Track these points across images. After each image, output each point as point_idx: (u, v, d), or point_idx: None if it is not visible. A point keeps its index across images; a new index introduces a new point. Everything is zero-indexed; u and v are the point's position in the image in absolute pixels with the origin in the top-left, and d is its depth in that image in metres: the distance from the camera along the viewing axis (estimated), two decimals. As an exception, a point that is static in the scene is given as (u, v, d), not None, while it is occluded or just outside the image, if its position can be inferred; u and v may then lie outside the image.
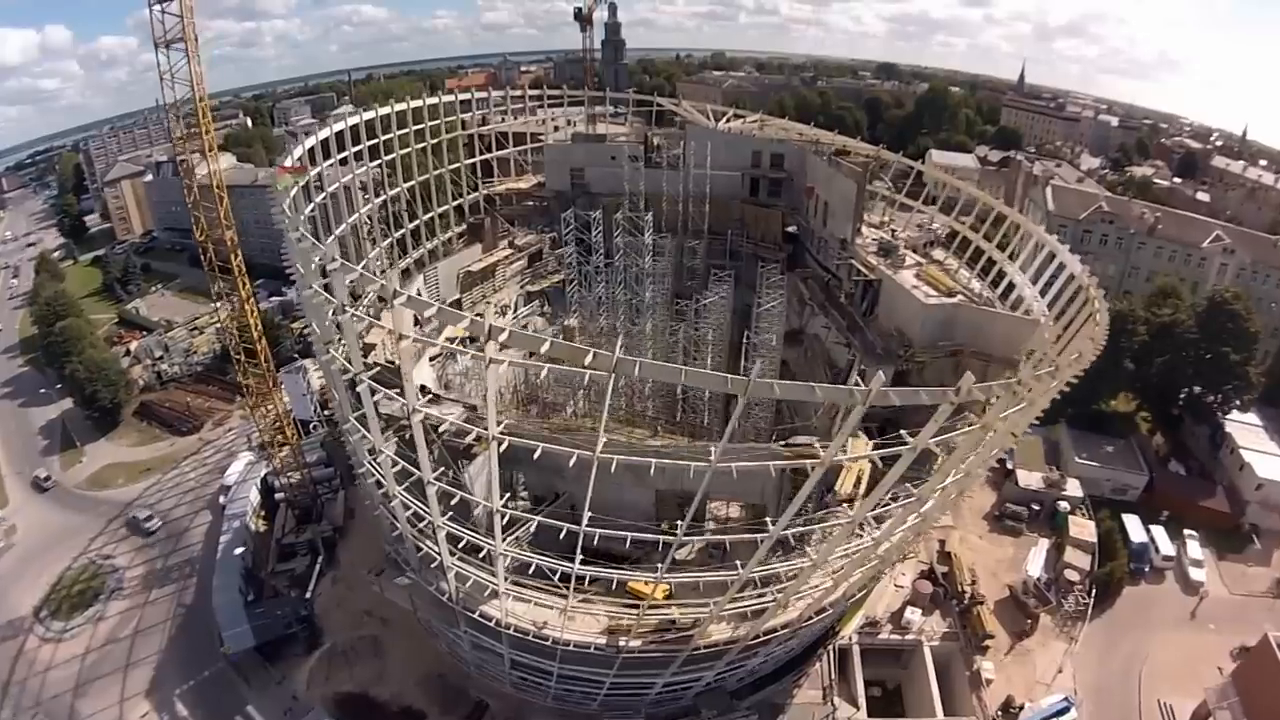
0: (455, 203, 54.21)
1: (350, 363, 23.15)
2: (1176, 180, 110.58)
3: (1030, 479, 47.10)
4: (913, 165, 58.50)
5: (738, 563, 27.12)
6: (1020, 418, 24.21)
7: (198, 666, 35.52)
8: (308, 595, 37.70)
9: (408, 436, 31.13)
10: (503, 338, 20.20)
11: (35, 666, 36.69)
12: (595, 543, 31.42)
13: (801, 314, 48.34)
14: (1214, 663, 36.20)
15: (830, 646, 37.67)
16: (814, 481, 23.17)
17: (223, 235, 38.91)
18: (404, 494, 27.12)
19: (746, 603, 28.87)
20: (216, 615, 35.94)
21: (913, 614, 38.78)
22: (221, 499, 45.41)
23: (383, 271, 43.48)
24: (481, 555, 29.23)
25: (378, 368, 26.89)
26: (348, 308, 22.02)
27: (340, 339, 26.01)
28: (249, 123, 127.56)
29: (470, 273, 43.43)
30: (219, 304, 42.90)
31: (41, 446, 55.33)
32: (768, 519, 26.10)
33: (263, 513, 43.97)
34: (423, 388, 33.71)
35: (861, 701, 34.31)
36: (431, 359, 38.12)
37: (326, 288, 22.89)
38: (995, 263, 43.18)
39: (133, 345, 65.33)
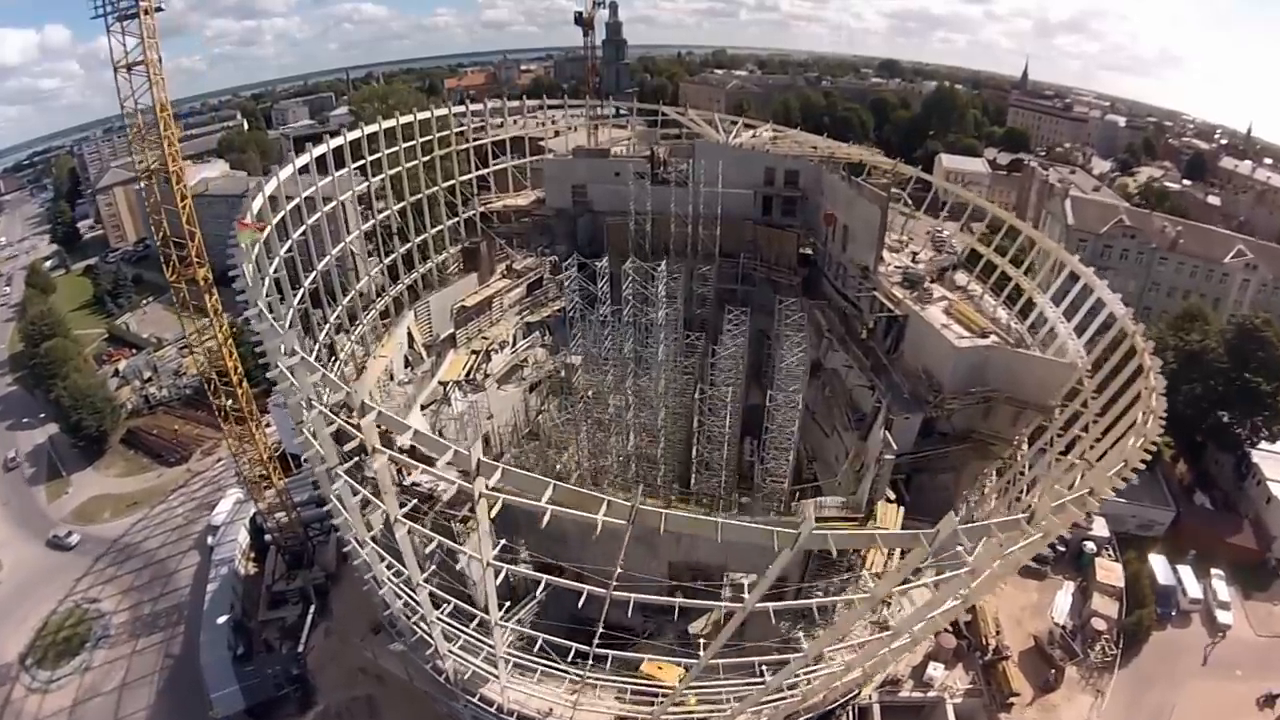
0: (451, 221, 50.67)
1: (324, 457, 19.70)
2: (1186, 182, 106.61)
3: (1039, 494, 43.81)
4: (929, 180, 55.02)
5: (764, 670, 23.84)
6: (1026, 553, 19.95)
7: (189, 722, 32.77)
8: (300, 649, 34.77)
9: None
10: (495, 477, 16.87)
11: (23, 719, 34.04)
12: (605, 615, 28.57)
13: (819, 345, 44.82)
14: (1244, 712, 33.90)
15: (850, 706, 34.97)
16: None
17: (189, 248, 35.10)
18: (395, 584, 23.93)
19: (771, 698, 25.86)
20: (204, 674, 33.07)
21: (935, 669, 35.99)
22: (209, 539, 42.37)
23: (375, 298, 40.05)
24: (476, 624, 26.26)
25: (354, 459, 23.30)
26: (314, 401, 18.55)
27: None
28: (245, 125, 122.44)
29: (465, 307, 39.81)
30: (198, 322, 39.36)
31: (28, 475, 52.32)
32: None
33: (252, 554, 40.97)
34: (412, 449, 30.37)
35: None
36: (423, 407, 34.77)
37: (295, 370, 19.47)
38: (1022, 290, 39.79)
39: (121, 365, 61.84)
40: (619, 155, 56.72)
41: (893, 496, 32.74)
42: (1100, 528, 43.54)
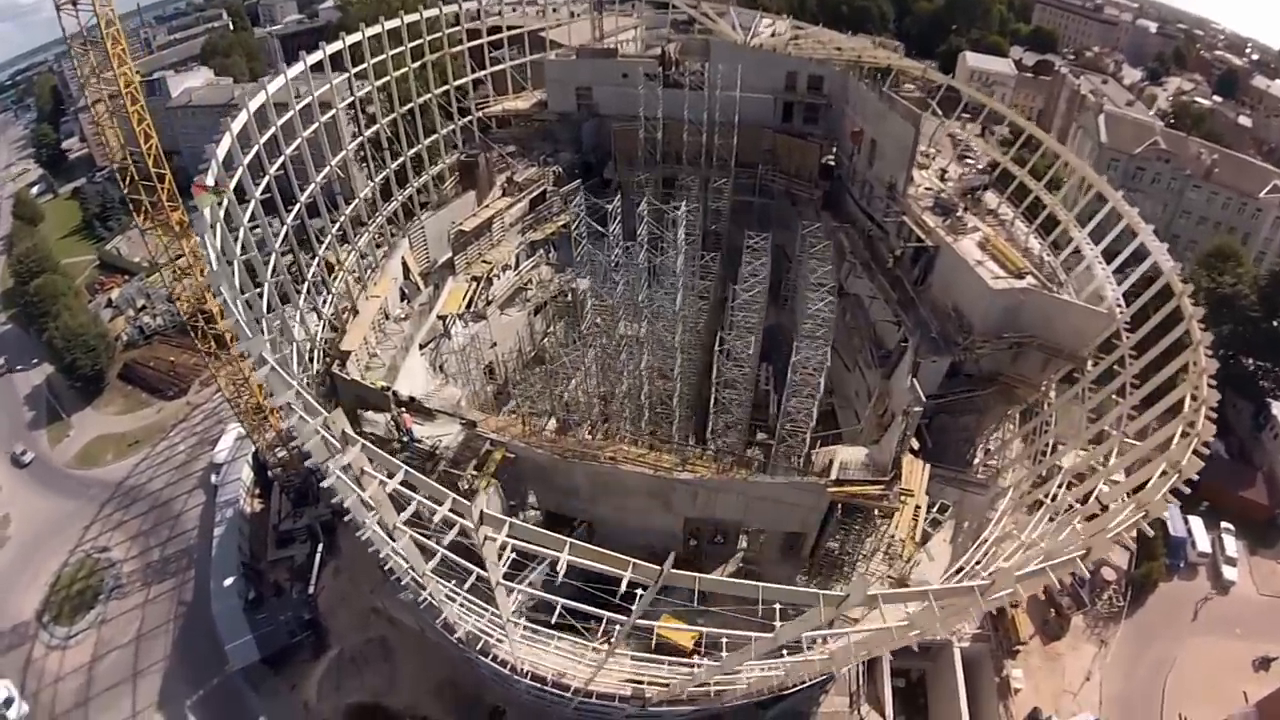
0: (447, 129, 43.53)
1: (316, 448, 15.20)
2: (1217, 99, 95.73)
3: (1070, 459, 41.36)
4: (960, 89, 47.39)
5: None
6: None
7: (205, 673, 31.70)
8: (310, 591, 32.97)
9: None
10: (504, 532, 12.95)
11: (45, 678, 33.15)
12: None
13: (841, 268, 39.65)
14: (1240, 672, 32.75)
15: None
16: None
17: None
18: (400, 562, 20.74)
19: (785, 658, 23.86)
20: (217, 625, 31.45)
21: (943, 611, 34.76)
22: (213, 477, 39.60)
23: (366, 220, 34.33)
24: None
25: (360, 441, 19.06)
26: (295, 408, 14.18)
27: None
28: (231, 25, 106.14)
29: (464, 231, 34.22)
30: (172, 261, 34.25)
31: (28, 419, 48.79)
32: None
33: (257, 491, 38.28)
34: (411, 399, 26.44)
35: (889, 710, 30.91)
36: (422, 346, 30.39)
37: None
38: (1056, 217, 34.80)
39: (114, 294, 56.21)
40: (627, 55, 48.28)
41: (915, 444, 29.58)
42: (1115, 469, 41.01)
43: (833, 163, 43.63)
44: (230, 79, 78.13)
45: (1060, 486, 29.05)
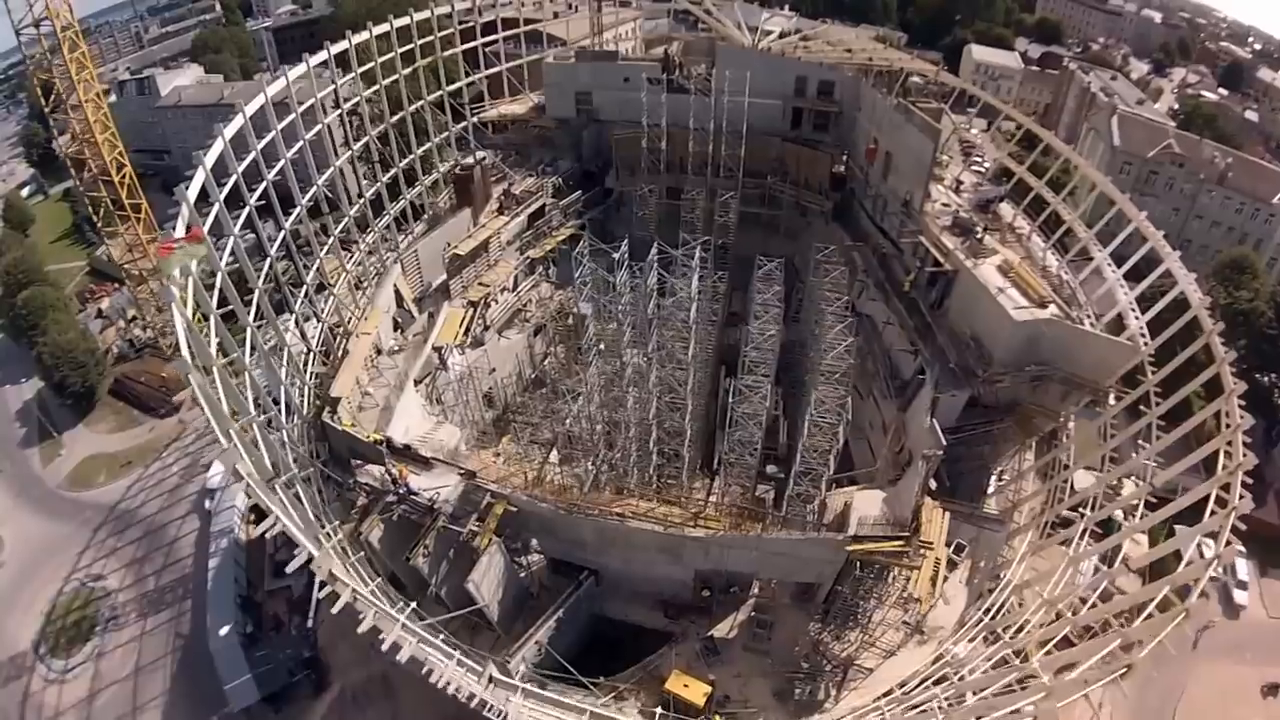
0: (440, 136, 40.55)
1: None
2: (1222, 92, 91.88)
3: (1086, 481, 39.38)
4: (981, 96, 44.28)
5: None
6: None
7: (205, 710, 29.94)
8: (310, 625, 31.20)
9: (395, 518, 22.67)
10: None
11: (44, 713, 31.35)
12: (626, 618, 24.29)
13: (852, 285, 37.08)
14: (1248, 700, 31.38)
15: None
16: None
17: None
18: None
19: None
20: (216, 663, 29.68)
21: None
22: (206, 503, 37.51)
23: (358, 239, 31.61)
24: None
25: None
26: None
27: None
28: (223, 18, 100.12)
29: (459, 256, 31.54)
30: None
31: (19, 436, 46.15)
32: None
33: (252, 517, 36.22)
34: (406, 447, 24.19)
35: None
36: (417, 382, 27.99)
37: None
38: (1067, 224, 33.34)
39: (104, 303, 53.23)
40: (628, 58, 44.94)
41: (932, 483, 27.56)
42: (1129, 488, 39.10)
43: (843, 172, 40.87)
44: (221, 76, 74.06)
45: (1083, 534, 27.32)
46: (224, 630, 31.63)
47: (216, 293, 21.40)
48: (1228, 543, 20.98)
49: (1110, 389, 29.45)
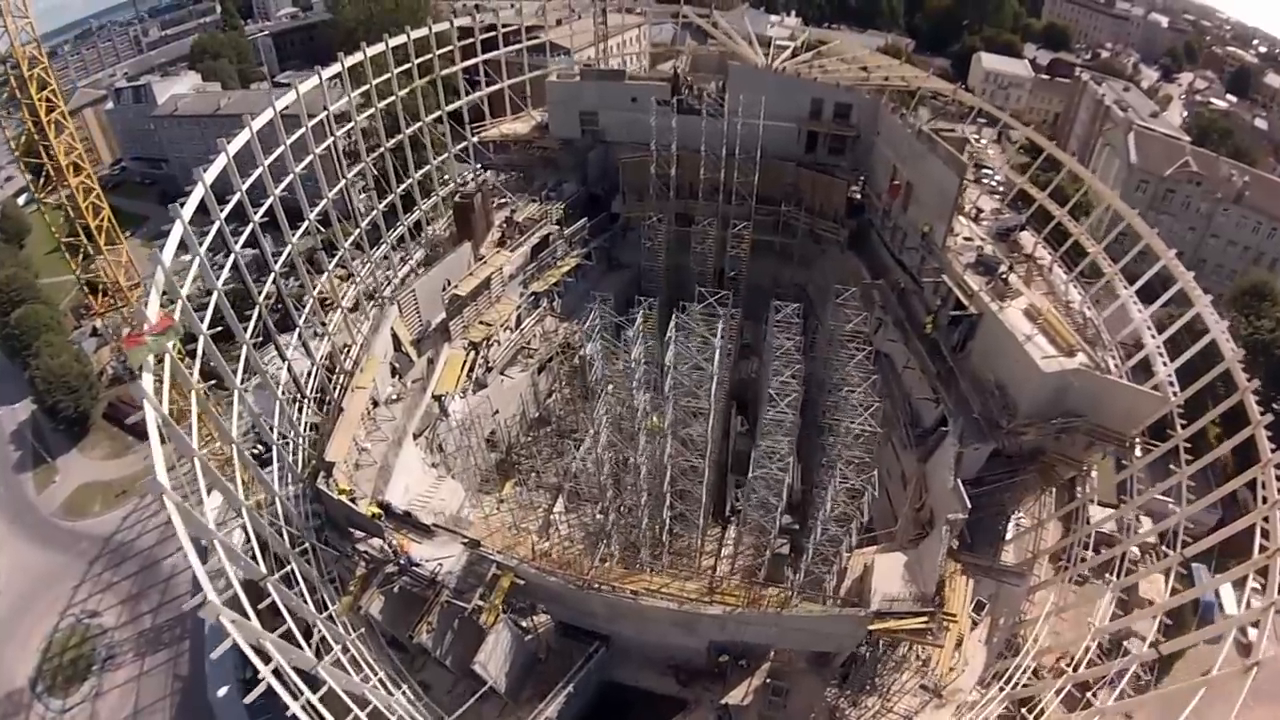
0: (440, 159, 38.27)
1: None
2: (1231, 99, 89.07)
3: (1101, 516, 37.66)
4: (996, 114, 41.95)
5: None
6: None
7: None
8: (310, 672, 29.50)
9: (396, 590, 20.89)
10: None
11: None
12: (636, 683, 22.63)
13: (870, 317, 34.90)
14: None
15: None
16: None
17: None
18: None
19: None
20: (215, 712, 28.14)
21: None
22: (203, 540, 35.59)
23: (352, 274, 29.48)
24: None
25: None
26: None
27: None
28: (222, 21, 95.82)
29: (459, 296, 29.39)
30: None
31: (14, 460, 44.26)
32: None
33: (252, 554, 34.37)
34: (406, 514, 22.37)
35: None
36: (416, 435, 26.04)
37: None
38: (1086, 251, 31.65)
39: (99, 321, 50.92)
40: (636, 77, 42.33)
41: (954, 543, 25.80)
42: (1146, 525, 37.40)
43: (859, 197, 38.55)
44: (218, 84, 71.13)
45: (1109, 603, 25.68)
46: (223, 674, 30.06)
47: (198, 361, 19.33)
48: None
49: (1136, 438, 27.74)
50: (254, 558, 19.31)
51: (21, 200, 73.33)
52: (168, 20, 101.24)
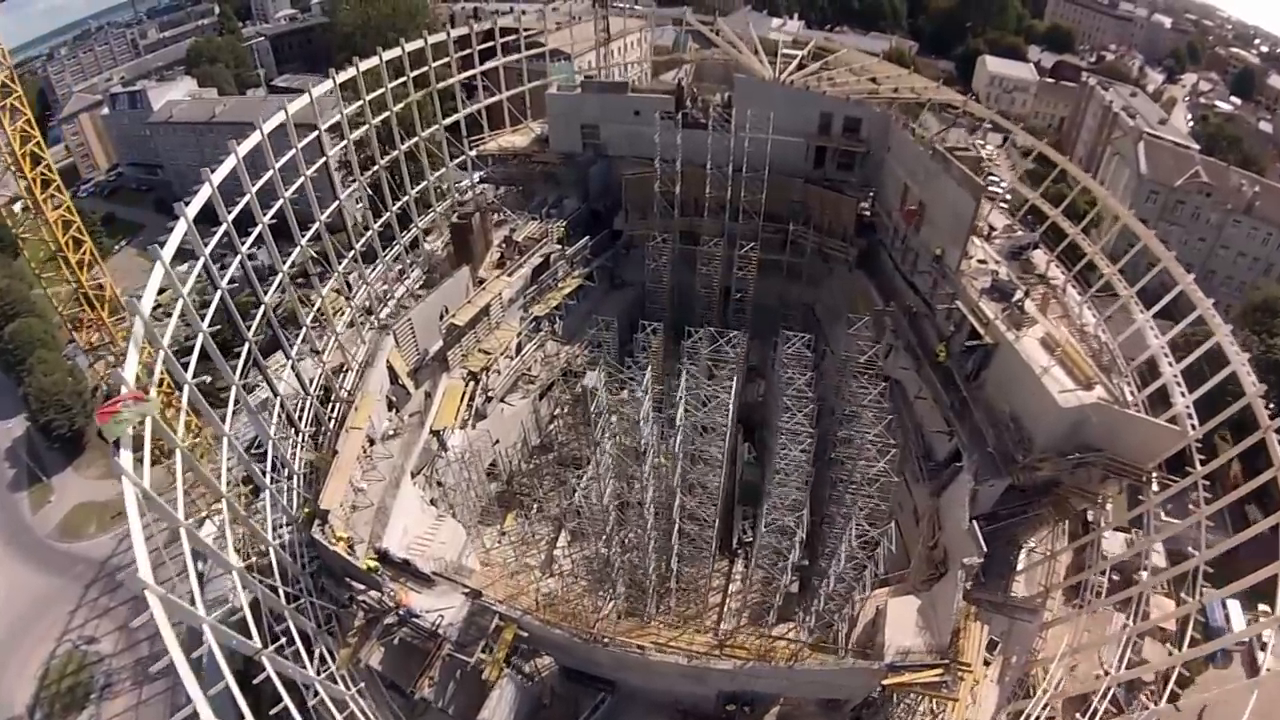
0: (437, 174, 36.71)
1: None
2: (1235, 101, 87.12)
3: (1114, 544, 36.48)
4: (1007, 126, 40.42)
5: None
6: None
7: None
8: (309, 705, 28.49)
9: (395, 642, 19.76)
10: None
11: None
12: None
13: (880, 338, 33.42)
14: None
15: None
16: None
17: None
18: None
19: None
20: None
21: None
22: (199, 564, 34.43)
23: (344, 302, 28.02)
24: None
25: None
26: None
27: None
28: (220, 22, 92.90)
29: (456, 326, 27.95)
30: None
31: (9, 478, 43.04)
32: None
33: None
34: (405, 563, 21.19)
35: None
36: (414, 474, 24.76)
37: None
38: (1101, 278, 30.40)
39: (95, 334, 49.25)
40: (639, 90, 40.60)
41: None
42: (1158, 550, 36.23)
43: (868, 213, 36.97)
44: (214, 89, 69.03)
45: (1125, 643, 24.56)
46: (221, 710, 28.91)
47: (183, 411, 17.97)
48: None
49: (1153, 471, 26.56)
50: (245, 627, 18.11)
51: (18, 207, 71.52)
52: (166, 22, 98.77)
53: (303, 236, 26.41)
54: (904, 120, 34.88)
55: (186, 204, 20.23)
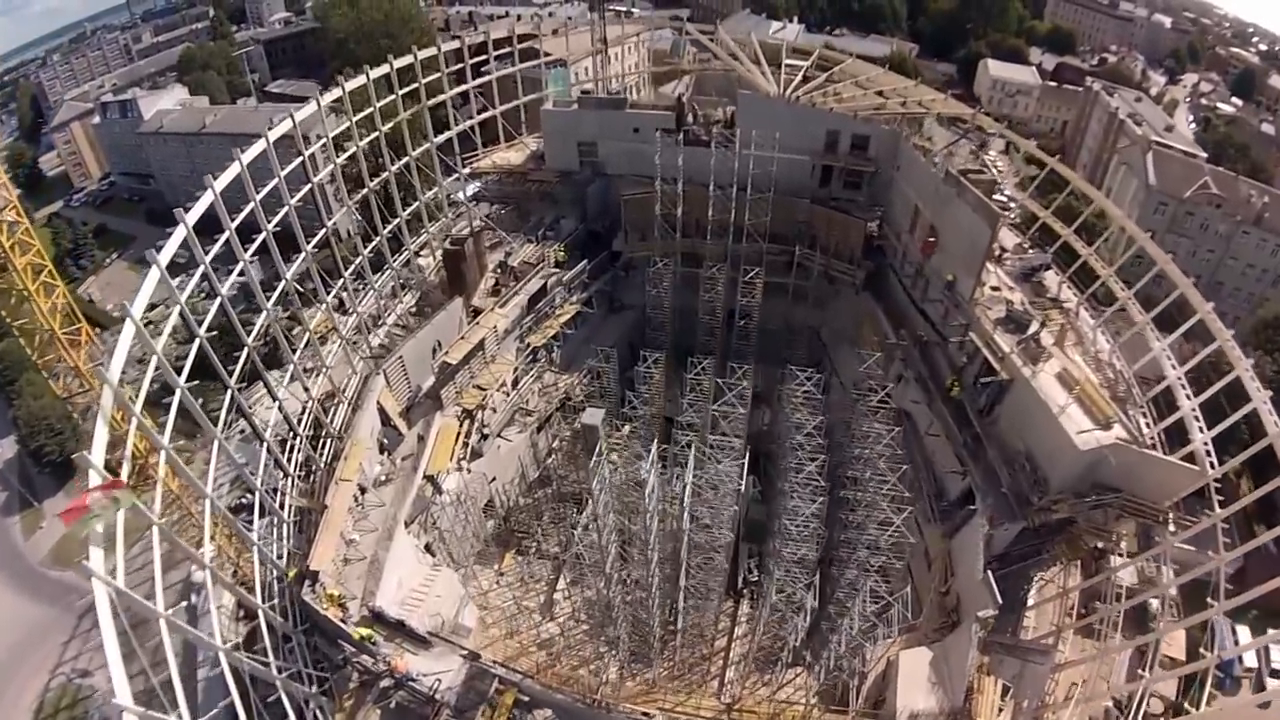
0: (430, 194, 34.90)
1: None
2: (1236, 102, 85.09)
3: (1125, 571, 35.32)
4: (1017, 141, 38.72)
5: None
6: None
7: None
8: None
9: (392, 706, 18.49)
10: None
11: None
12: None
13: (889, 368, 31.83)
14: None
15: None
16: None
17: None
18: None
19: None
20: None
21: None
22: (192, 597, 33.15)
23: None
24: None
25: None
26: None
27: None
28: (213, 28, 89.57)
29: (449, 364, 26.35)
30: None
31: (0, 503, 41.43)
32: None
33: (242, 613, 31.90)
34: (400, 624, 19.85)
35: None
36: (408, 524, 23.33)
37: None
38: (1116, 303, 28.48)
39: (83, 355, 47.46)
40: (638, 105, 38.68)
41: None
42: (1167, 577, 35.11)
43: (877, 235, 35.23)
44: (206, 98, 66.61)
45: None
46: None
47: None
48: None
49: (1169, 510, 25.28)
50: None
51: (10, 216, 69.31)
52: (161, 25, 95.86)
53: (294, 256, 24.96)
54: (910, 133, 33.16)
55: (187, 210, 19.39)
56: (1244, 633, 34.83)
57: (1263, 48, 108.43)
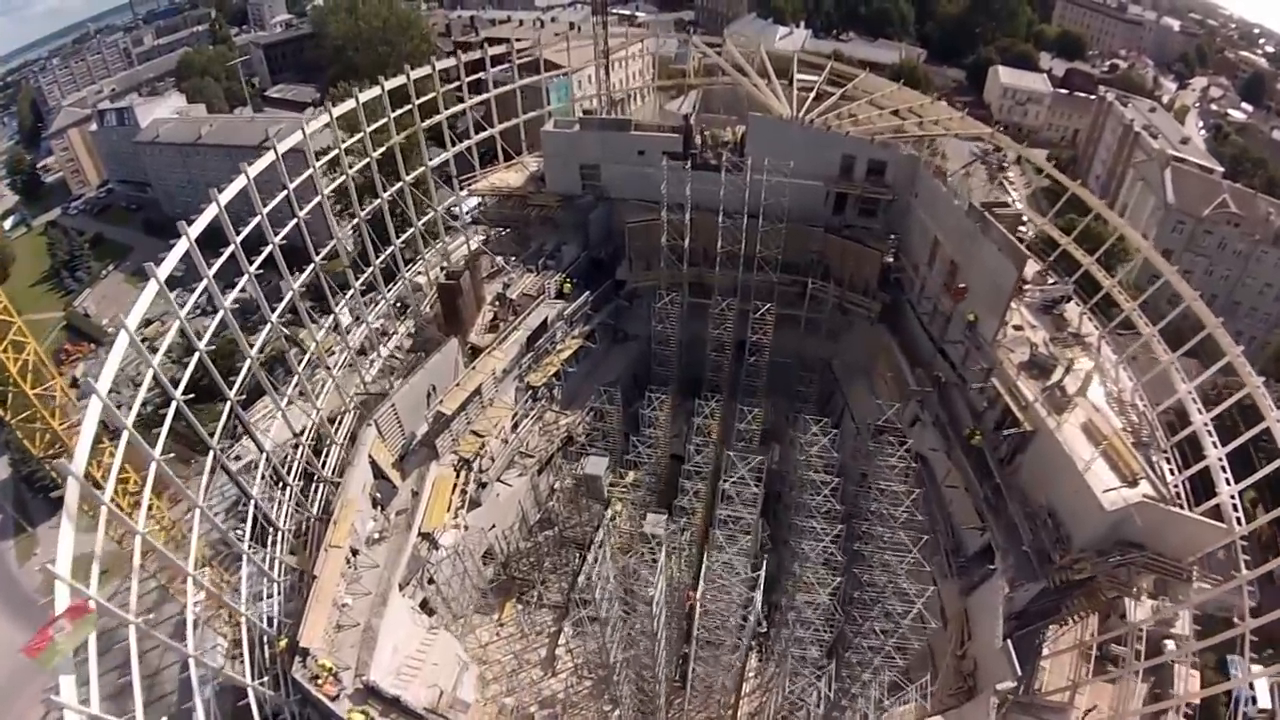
0: (424, 219, 32.88)
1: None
2: (1246, 108, 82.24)
3: (1141, 611, 33.67)
4: (1039, 163, 36.60)
5: None
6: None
7: None
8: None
9: None
10: None
11: None
12: None
13: (905, 409, 30.10)
14: None
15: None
16: None
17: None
18: None
19: None
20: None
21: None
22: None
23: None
24: None
25: None
26: None
27: None
28: (213, 32, 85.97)
29: (443, 415, 24.56)
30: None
31: None
32: None
33: (236, 652, 30.58)
34: (395, 700, 18.40)
35: None
36: (403, 585, 21.75)
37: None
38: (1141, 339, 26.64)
39: (78, 369, 45.59)
40: (644, 126, 36.39)
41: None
42: (1183, 618, 33.57)
43: (891, 261, 33.13)
44: (203, 105, 64.15)
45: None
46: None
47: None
48: None
49: (1194, 565, 23.74)
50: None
51: (9, 224, 66.88)
52: (163, 27, 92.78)
53: (295, 273, 23.33)
54: (925, 154, 31.05)
55: (190, 222, 18.31)
56: (1260, 677, 33.44)
57: (1270, 49, 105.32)
